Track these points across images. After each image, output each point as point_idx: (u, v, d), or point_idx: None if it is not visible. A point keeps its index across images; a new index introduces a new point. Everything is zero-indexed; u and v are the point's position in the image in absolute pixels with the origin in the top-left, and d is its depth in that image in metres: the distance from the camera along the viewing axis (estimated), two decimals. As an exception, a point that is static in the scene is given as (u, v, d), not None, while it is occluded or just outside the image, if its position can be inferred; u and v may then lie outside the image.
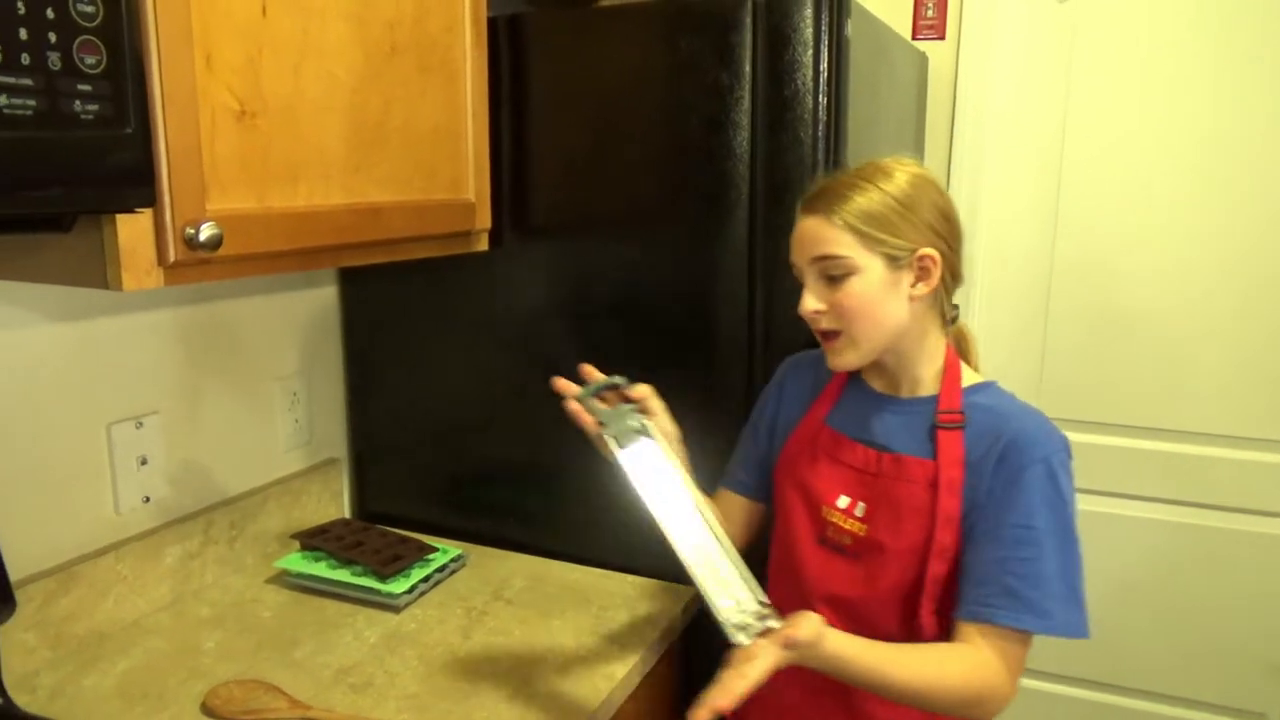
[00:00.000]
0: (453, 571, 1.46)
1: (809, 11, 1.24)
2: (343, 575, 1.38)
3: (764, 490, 1.22)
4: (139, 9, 0.83)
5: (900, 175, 1.03)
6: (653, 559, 1.31)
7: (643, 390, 1.10)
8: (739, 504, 1.23)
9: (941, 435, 1.04)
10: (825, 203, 1.03)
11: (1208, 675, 2.10)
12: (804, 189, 1.10)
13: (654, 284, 1.38)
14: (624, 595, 1.39)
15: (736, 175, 1.30)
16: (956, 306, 1.10)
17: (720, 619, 0.91)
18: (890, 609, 1.04)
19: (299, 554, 1.44)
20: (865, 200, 1.01)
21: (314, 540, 1.44)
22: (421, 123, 1.23)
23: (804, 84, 1.25)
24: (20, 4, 0.70)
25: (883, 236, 1.01)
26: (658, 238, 1.37)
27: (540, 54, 1.39)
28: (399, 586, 1.35)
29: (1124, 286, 2.02)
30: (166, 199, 0.89)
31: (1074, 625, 0.99)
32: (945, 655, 0.97)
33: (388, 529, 1.52)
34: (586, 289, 1.43)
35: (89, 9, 0.74)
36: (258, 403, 1.51)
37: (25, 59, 0.71)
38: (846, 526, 1.07)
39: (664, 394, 1.11)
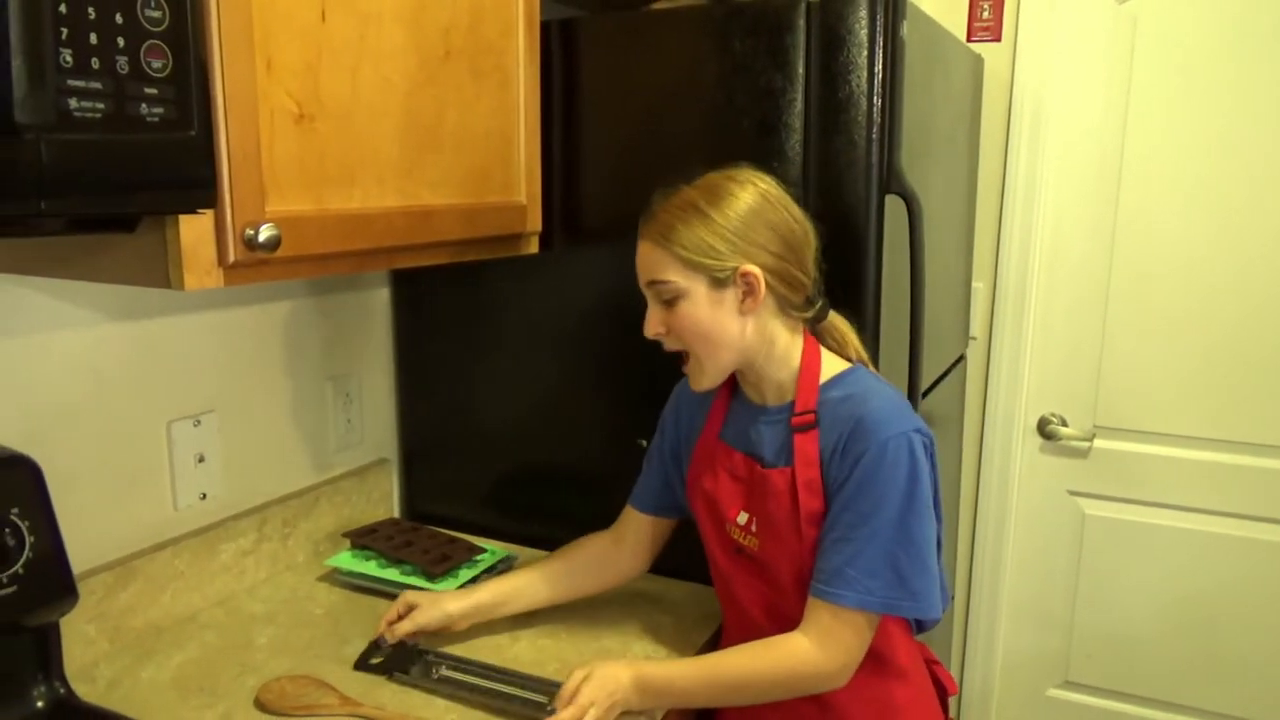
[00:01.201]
0: (501, 572, 1.47)
1: (864, 13, 1.22)
2: (392, 574, 1.39)
3: (667, 508, 1.28)
4: (204, 14, 0.85)
5: (726, 196, 1.05)
6: (699, 564, 1.30)
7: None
8: (645, 522, 1.29)
9: (797, 439, 1.08)
10: (654, 228, 1.06)
11: (1257, 693, 2.03)
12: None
13: (704, 287, 1.37)
14: (670, 600, 1.39)
15: (788, 179, 1.28)
16: (818, 303, 1.11)
17: None
18: (800, 604, 1.07)
19: (349, 552, 1.46)
20: (685, 227, 1.04)
21: (364, 539, 1.46)
22: (474, 126, 1.24)
23: (858, 86, 1.24)
24: (91, 9, 0.71)
25: (702, 260, 1.04)
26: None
27: (592, 57, 1.39)
28: (447, 586, 1.36)
29: (1185, 293, 1.97)
30: (227, 200, 0.90)
31: (900, 605, 1.03)
32: (754, 651, 1.06)
33: (437, 529, 1.53)
34: (635, 293, 1.42)
35: (156, 14, 0.76)
36: (311, 403, 1.54)
37: (95, 63, 0.72)
38: (745, 542, 1.13)
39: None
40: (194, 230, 0.88)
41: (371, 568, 1.41)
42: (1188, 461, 2.02)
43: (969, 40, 2.03)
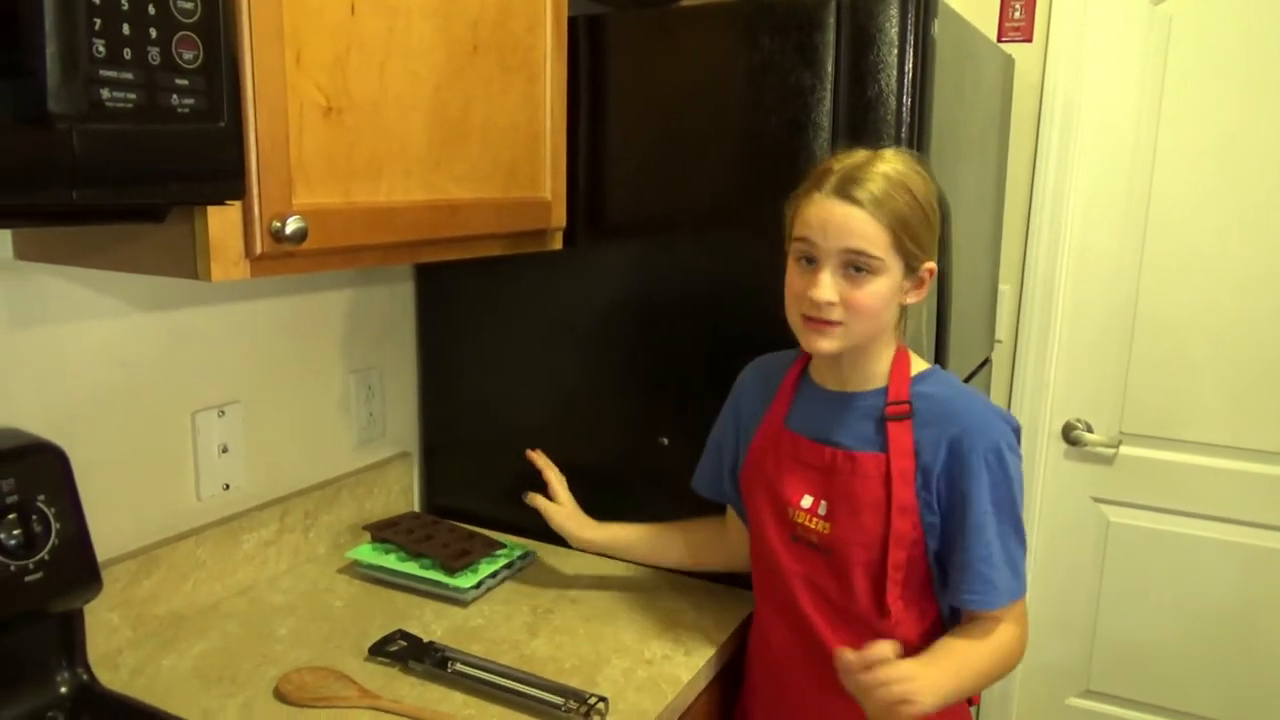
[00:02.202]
0: (520, 568, 1.47)
1: (894, 11, 1.21)
2: (411, 568, 1.39)
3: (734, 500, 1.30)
4: (235, 6, 0.85)
5: (922, 182, 1.06)
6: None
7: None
8: (736, 518, 1.31)
9: (891, 427, 1.09)
10: (869, 197, 1.02)
11: (1297, 708, 2.00)
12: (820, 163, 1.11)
13: (728, 287, 1.37)
14: (691, 598, 1.38)
15: (815, 177, 1.27)
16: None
17: None
18: (861, 595, 1.10)
19: (370, 545, 1.46)
20: (908, 210, 1.03)
21: (384, 532, 1.46)
22: (501, 121, 1.24)
23: (888, 85, 1.23)
24: (124, 0, 0.72)
25: (913, 249, 1.04)
26: (733, 240, 1.35)
27: (620, 53, 1.39)
28: (466, 581, 1.36)
29: (1216, 299, 1.94)
30: (255, 192, 0.91)
31: (1014, 591, 1.09)
32: (992, 641, 1.09)
33: (457, 524, 1.54)
34: (659, 290, 1.42)
35: (188, 5, 0.76)
36: (334, 395, 1.54)
37: (127, 54, 0.73)
38: (812, 525, 1.13)
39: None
40: (222, 221, 0.89)
41: (391, 560, 1.41)
42: (1215, 470, 2.00)
43: (1000, 40, 2.01)
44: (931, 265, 1.07)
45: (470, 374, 1.62)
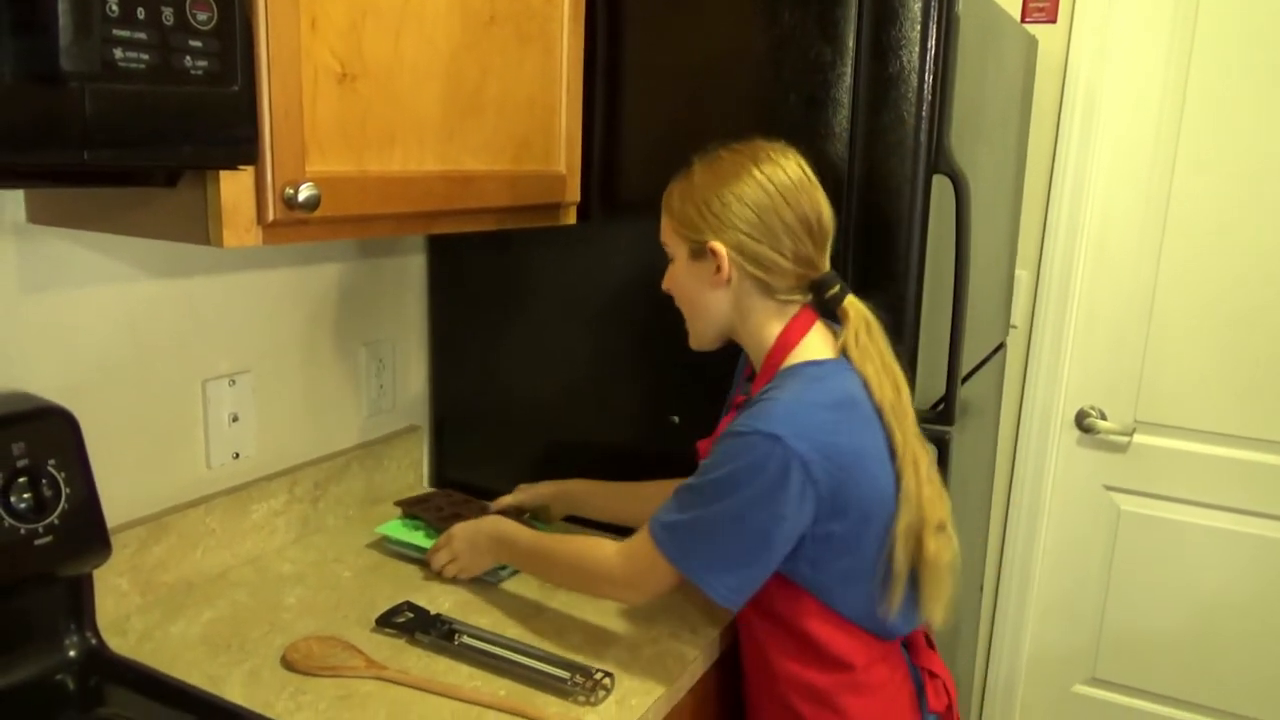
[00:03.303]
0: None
1: (918, -14, 1.19)
2: None
3: None
4: (249, -33, 0.84)
5: (727, 172, 1.07)
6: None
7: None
8: None
9: (725, 417, 1.13)
10: (669, 188, 1.12)
11: (1306, 701, 1.99)
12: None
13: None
14: (697, 578, 1.38)
15: (834, 155, 1.26)
16: (830, 284, 1.09)
17: None
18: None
19: (399, 521, 1.44)
20: (679, 194, 1.11)
21: (415, 509, 1.44)
22: (517, 92, 1.22)
23: (909, 62, 1.21)
24: (137, -42, 0.71)
25: (681, 229, 1.10)
26: (749, 217, 1.34)
27: (637, 26, 1.37)
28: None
29: (1236, 288, 1.91)
30: (268, 158, 0.90)
31: (683, 566, 1.05)
32: (577, 539, 1.18)
33: (487, 503, 1.50)
34: (673, 267, 1.41)
35: (202, -35, 0.75)
36: (345, 367, 1.54)
37: (140, 13, 0.72)
38: None
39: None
40: (234, 187, 0.88)
41: (419, 538, 1.39)
42: (1229, 460, 1.98)
43: (1024, 21, 1.98)
44: (713, 244, 1.06)
45: (481, 349, 1.61)
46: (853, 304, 1.10)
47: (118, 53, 0.71)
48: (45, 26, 0.66)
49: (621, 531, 1.29)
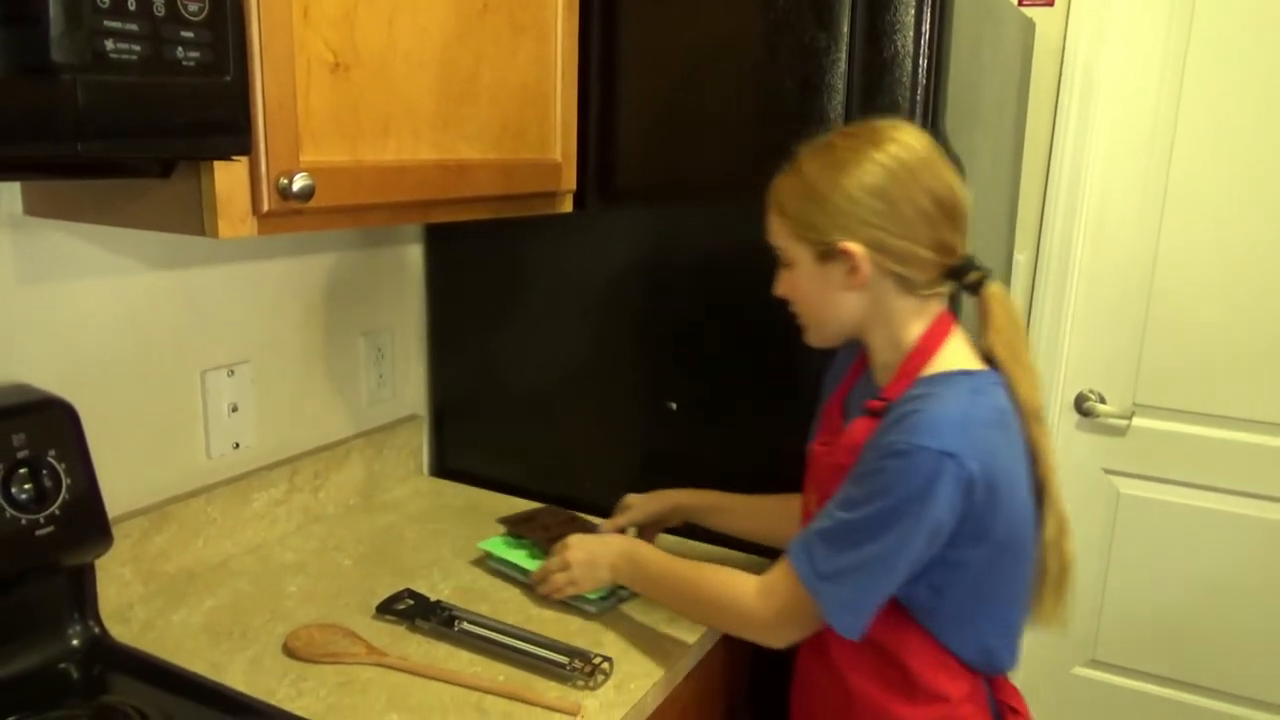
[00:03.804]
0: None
1: (912, -30, 1.19)
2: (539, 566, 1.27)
3: None
4: (240, -43, 0.84)
5: (845, 164, 0.97)
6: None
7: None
8: None
9: (857, 422, 1.02)
10: (774, 189, 1.04)
11: (1305, 682, 2.00)
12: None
13: (739, 253, 1.35)
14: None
15: (829, 140, 1.26)
16: (968, 278, 1.00)
17: None
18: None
19: (502, 538, 1.37)
20: (792, 194, 1.01)
21: (520, 527, 1.37)
22: (511, 81, 1.22)
23: (904, 46, 1.21)
24: (128, -51, 0.71)
25: (803, 232, 1.00)
26: (745, 205, 1.32)
27: (631, 13, 1.37)
28: (597, 592, 1.23)
29: (1235, 271, 1.91)
30: (262, 148, 0.90)
31: (817, 592, 0.97)
32: (715, 570, 1.08)
33: (590, 520, 1.42)
34: (669, 255, 1.41)
35: (193, -45, 0.75)
36: (343, 356, 1.54)
37: (131, 4, 0.72)
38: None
39: (746, 370, 1.09)
40: (228, 178, 0.88)
41: (522, 558, 1.31)
42: (1229, 443, 1.98)
43: (1021, 4, 1.97)
44: (845, 245, 0.97)
45: (479, 338, 1.62)
46: (996, 294, 1.01)
47: (109, 44, 0.71)
48: (36, 18, 0.66)
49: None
